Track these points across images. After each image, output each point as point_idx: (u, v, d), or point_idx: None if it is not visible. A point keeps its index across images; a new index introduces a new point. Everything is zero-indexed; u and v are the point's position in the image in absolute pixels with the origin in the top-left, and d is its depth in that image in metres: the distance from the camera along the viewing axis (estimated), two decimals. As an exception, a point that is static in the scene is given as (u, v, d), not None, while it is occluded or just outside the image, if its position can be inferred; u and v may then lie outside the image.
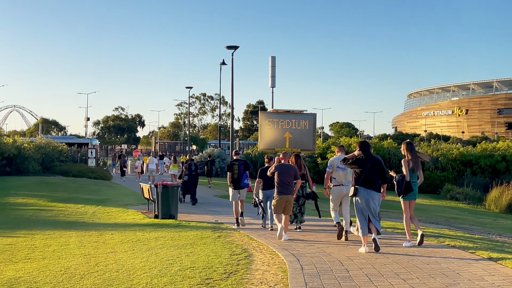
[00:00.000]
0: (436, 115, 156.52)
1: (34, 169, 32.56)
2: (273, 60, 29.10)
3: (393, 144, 42.87)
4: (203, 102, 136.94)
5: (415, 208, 11.47)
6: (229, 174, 15.06)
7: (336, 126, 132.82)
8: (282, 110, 24.03)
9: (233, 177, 14.97)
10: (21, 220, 17.23)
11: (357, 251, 10.22)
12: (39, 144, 35.44)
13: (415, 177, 11.06)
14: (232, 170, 15.00)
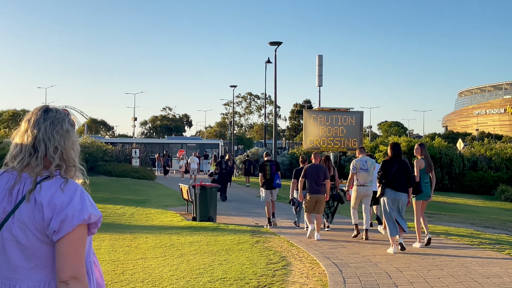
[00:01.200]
0: (487, 113, 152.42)
1: (77, 169, 32.47)
2: (320, 58, 28.37)
3: (443, 143, 41.37)
4: (250, 101, 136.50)
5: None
6: (261, 174, 15.33)
7: (384, 125, 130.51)
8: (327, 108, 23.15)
9: (265, 178, 15.25)
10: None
11: (408, 260, 9.33)
12: (83, 144, 35.35)
13: (427, 177, 11.12)
14: (264, 170, 15.26)
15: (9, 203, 2.47)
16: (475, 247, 10.85)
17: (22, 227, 2.43)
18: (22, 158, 2.50)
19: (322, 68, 28.64)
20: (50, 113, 2.58)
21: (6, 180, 2.53)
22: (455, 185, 37.30)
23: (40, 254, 2.46)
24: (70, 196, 2.44)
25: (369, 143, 42.86)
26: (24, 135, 2.53)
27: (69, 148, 2.57)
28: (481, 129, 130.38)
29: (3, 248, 2.48)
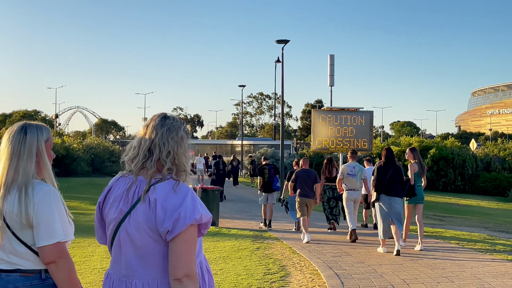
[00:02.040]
0: (501, 113, 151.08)
1: (83, 170, 32.05)
2: (331, 58, 27.83)
3: (456, 143, 40.55)
4: (261, 101, 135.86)
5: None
6: (260, 178, 15.47)
7: (397, 125, 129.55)
8: (336, 107, 22.51)
9: (263, 181, 15.29)
10: (56, 225, 16.29)
11: (416, 271, 8.71)
12: (89, 145, 34.92)
13: (420, 181, 11.19)
14: (263, 174, 15.39)
15: (125, 204, 2.63)
16: (488, 256, 10.21)
17: (137, 226, 2.58)
18: (138, 162, 2.66)
19: (334, 68, 28.17)
20: (167, 120, 2.74)
21: (123, 184, 2.71)
22: (468, 186, 36.50)
23: (153, 253, 2.60)
24: (182, 197, 2.57)
25: (380, 144, 42.12)
26: (142, 140, 2.70)
27: (181, 154, 2.70)
28: (495, 129, 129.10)
29: (120, 247, 2.65)
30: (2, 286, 2.89)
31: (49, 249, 2.85)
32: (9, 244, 2.91)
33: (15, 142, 2.96)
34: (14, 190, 2.90)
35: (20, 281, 2.90)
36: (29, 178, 2.91)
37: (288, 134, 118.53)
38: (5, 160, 2.96)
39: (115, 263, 2.71)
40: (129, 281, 2.64)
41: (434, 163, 35.86)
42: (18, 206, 2.86)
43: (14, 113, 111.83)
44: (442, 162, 35.88)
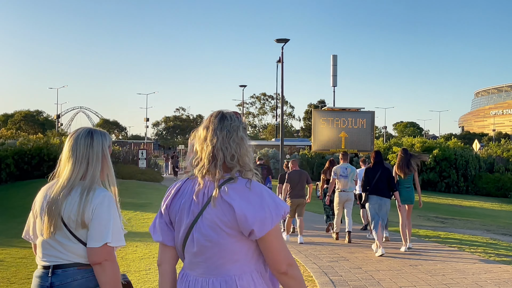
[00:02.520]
0: (505, 113, 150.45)
1: (81, 170, 31.70)
2: (334, 58, 27.64)
3: (459, 144, 40.12)
4: (263, 102, 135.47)
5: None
6: None
7: (400, 125, 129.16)
8: (337, 108, 22.22)
9: None
10: (49, 227, 16.00)
11: (415, 277, 8.37)
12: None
13: (409, 182, 11.39)
14: None
15: (196, 206, 2.66)
16: (491, 261, 9.86)
17: (212, 226, 2.61)
18: (202, 166, 2.68)
19: (337, 68, 27.99)
20: (225, 121, 2.74)
21: (191, 186, 2.72)
22: (471, 187, 36.08)
23: (231, 250, 2.62)
24: (259, 195, 2.61)
25: (382, 144, 41.74)
26: (204, 144, 2.70)
27: (244, 154, 2.72)
28: (498, 129, 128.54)
29: (195, 247, 2.67)
30: (59, 281, 3.03)
31: (96, 251, 2.98)
32: (66, 240, 3.04)
33: (83, 146, 3.12)
34: (77, 192, 3.04)
35: (78, 273, 3.03)
36: (94, 181, 3.09)
37: (291, 135, 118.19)
38: (72, 163, 3.11)
39: (191, 263, 2.74)
40: (205, 280, 2.67)
41: (437, 163, 35.48)
42: (77, 206, 3.01)
43: (16, 113, 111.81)
44: (444, 163, 35.50)
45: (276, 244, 2.62)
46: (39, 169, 30.65)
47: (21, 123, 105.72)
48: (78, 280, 3.02)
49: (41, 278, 3.09)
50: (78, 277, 3.03)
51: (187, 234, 2.70)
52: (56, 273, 3.05)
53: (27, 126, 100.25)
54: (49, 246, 3.10)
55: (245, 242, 2.65)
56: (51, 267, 3.07)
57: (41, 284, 3.08)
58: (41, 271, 3.12)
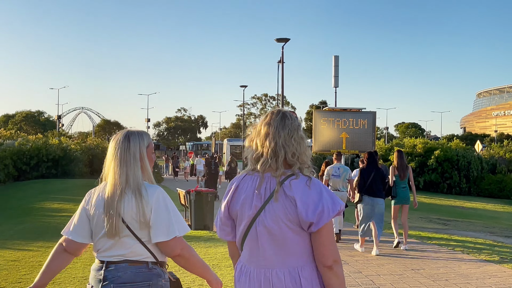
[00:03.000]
0: (506, 114, 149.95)
1: (80, 171, 31.44)
2: (336, 59, 27.34)
3: (461, 144, 39.82)
4: (265, 102, 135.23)
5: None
6: None
7: (401, 126, 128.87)
8: (338, 108, 21.91)
9: None
10: (44, 229, 15.73)
11: (417, 282, 8.11)
12: (88, 146, 34.37)
13: (404, 183, 11.58)
14: None
15: (258, 200, 2.79)
16: (496, 265, 9.59)
17: (275, 219, 2.75)
18: (264, 161, 2.82)
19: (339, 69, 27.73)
20: (287, 120, 2.90)
21: (251, 181, 2.87)
22: (473, 188, 35.81)
23: (292, 243, 2.76)
24: (319, 191, 2.77)
25: (384, 145, 41.46)
26: (266, 140, 2.85)
27: (303, 152, 2.87)
28: (500, 130, 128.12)
29: (257, 240, 2.80)
30: (111, 276, 3.22)
31: (169, 244, 3.19)
32: (126, 239, 3.22)
33: (121, 150, 3.28)
34: (129, 193, 3.21)
35: (129, 269, 3.20)
36: (138, 182, 3.24)
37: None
38: (115, 167, 3.28)
39: (251, 255, 2.86)
40: (268, 271, 2.79)
41: (439, 164, 35.21)
42: (136, 207, 3.18)
43: (17, 114, 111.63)
44: (446, 164, 35.22)
45: (327, 238, 2.77)
46: (38, 169, 30.46)
47: (22, 123, 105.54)
48: (127, 274, 3.22)
49: (96, 271, 3.31)
50: (128, 272, 3.22)
51: (248, 227, 2.86)
52: (109, 267, 3.25)
53: (28, 127, 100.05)
54: (108, 244, 3.29)
55: (305, 235, 2.81)
56: (105, 262, 3.27)
57: (96, 276, 3.29)
58: (97, 265, 3.32)
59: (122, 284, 3.22)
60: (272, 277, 2.78)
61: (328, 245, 2.77)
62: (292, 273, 2.77)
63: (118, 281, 3.22)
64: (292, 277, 2.76)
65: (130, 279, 3.22)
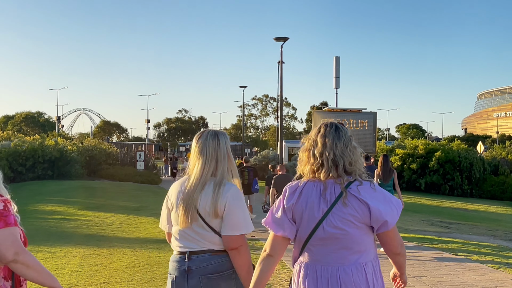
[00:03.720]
0: (508, 116, 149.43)
1: (77, 172, 30.99)
2: (337, 60, 27.08)
3: (462, 146, 39.38)
4: (265, 103, 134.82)
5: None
6: None
7: (403, 127, 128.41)
8: (338, 109, 21.51)
9: (243, 183, 15.29)
10: (37, 232, 15.28)
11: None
12: (85, 147, 33.95)
13: (389, 186, 12.04)
14: (242, 176, 15.47)
15: (324, 204, 3.09)
16: (501, 272, 9.16)
17: (344, 220, 3.04)
18: (326, 170, 3.13)
19: (339, 70, 27.49)
20: (341, 132, 3.21)
21: (313, 187, 3.15)
22: (475, 190, 35.36)
23: (359, 241, 3.06)
24: (383, 193, 3.12)
25: (385, 146, 41.05)
26: (324, 152, 3.16)
27: (357, 160, 3.19)
28: (501, 131, 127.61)
29: (324, 239, 3.07)
30: (196, 266, 3.43)
31: (233, 238, 3.41)
32: (201, 230, 3.44)
33: (211, 147, 3.54)
34: (210, 187, 3.45)
35: (212, 259, 3.43)
36: (224, 176, 3.52)
37: (293, 137, 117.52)
38: (202, 162, 3.52)
39: (318, 254, 3.09)
40: (335, 268, 3.03)
41: (440, 166, 34.79)
42: (211, 199, 3.42)
43: (17, 115, 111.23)
44: (448, 165, 34.81)
45: (395, 232, 3.14)
46: (34, 171, 30.03)
47: (22, 124, 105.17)
48: (212, 264, 3.43)
49: (178, 263, 3.50)
50: (212, 262, 3.43)
51: (315, 228, 3.09)
52: (192, 258, 3.45)
53: (28, 128, 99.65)
54: (186, 235, 3.50)
55: (369, 234, 3.12)
56: (187, 253, 3.47)
57: (179, 267, 3.48)
58: (178, 256, 3.52)
59: (208, 275, 3.44)
60: (340, 273, 3.03)
61: (396, 237, 3.16)
62: (358, 269, 3.04)
63: (204, 271, 3.43)
64: (358, 272, 3.03)
65: (216, 269, 3.44)
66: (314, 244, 3.10)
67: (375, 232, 3.11)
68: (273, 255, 3.19)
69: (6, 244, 2.89)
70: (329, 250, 3.07)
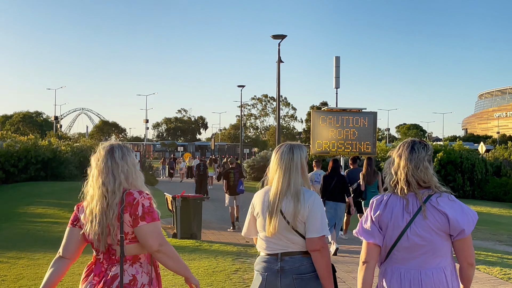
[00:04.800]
0: (508, 116, 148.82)
1: (71, 173, 30.33)
2: (337, 60, 26.51)
3: (463, 146, 38.78)
4: (265, 103, 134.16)
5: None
6: (225, 181, 16.38)
7: (403, 128, 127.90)
8: (337, 108, 20.91)
9: (229, 184, 16.24)
10: (23, 237, 14.69)
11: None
12: (80, 147, 33.32)
13: (373, 187, 12.69)
14: (228, 177, 16.35)
15: (407, 214, 3.45)
16: (509, 284, 8.52)
17: (426, 229, 3.40)
18: (401, 187, 3.51)
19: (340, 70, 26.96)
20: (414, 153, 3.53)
21: (398, 200, 3.53)
22: (477, 192, 34.69)
23: (439, 247, 3.40)
24: (460, 204, 3.45)
25: (385, 146, 40.44)
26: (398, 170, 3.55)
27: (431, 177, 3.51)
28: (502, 132, 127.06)
29: (408, 245, 3.43)
30: (289, 266, 3.79)
31: (316, 240, 3.79)
32: (289, 234, 3.83)
33: (286, 160, 3.95)
34: (289, 196, 3.86)
35: (304, 260, 3.80)
36: (298, 187, 3.89)
37: (293, 137, 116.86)
38: (279, 174, 3.95)
39: (403, 258, 3.47)
40: (417, 271, 3.41)
41: (442, 167, 34.19)
42: (294, 207, 3.83)
43: (15, 114, 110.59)
44: (450, 166, 34.21)
45: (470, 241, 3.43)
46: (26, 172, 29.39)
47: (20, 124, 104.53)
48: (305, 265, 3.78)
49: (269, 263, 3.85)
50: (304, 263, 3.78)
51: (400, 235, 3.43)
52: (284, 259, 3.80)
53: (26, 128, 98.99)
54: (275, 239, 3.84)
55: (448, 241, 3.42)
56: (279, 255, 3.82)
57: (271, 267, 3.82)
58: (268, 257, 3.87)
59: (302, 274, 3.77)
60: (421, 275, 3.36)
61: (471, 246, 3.43)
62: (439, 272, 3.37)
63: (298, 271, 3.77)
64: (438, 275, 3.36)
65: (308, 270, 3.79)
66: (399, 250, 3.45)
67: (453, 239, 3.40)
68: (369, 261, 3.51)
69: (153, 236, 3.38)
70: (412, 255, 3.42)
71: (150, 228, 3.37)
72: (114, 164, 3.49)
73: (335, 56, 26.51)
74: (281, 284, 3.78)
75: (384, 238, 3.51)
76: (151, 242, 3.37)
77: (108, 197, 3.43)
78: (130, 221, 3.40)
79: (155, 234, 3.38)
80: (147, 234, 3.37)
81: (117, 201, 3.42)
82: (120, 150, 3.55)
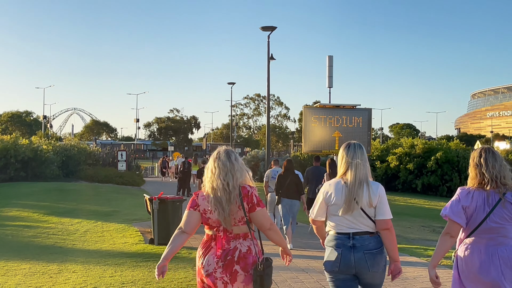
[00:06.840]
0: (501, 115, 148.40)
1: (52, 173, 29.05)
2: (330, 59, 25.65)
3: (460, 145, 37.84)
4: (258, 102, 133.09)
5: None
6: (199, 180, 16.51)
7: (396, 127, 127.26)
8: (330, 105, 19.76)
9: None
10: (-10, 242, 13.43)
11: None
12: (63, 146, 32.05)
13: None
14: (201, 176, 15.23)
15: (488, 206, 4.34)
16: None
17: (501, 217, 4.33)
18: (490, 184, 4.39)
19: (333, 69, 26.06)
20: (497, 156, 4.47)
21: (479, 194, 4.39)
22: (475, 191, 33.79)
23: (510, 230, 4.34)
24: None
25: (379, 146, 39.52)
26: (487, 170, 4.43)
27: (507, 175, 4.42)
28: (495, 131, 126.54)
29: (489, 229, 4.34)
30: (360, 243, 4.59)
31: (386, 221, 4.61)
32: (361, 217, 4.62)
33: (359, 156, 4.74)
34: (363, 185, 4.64)
35: (371, 239, 4.61)
36: (367, 178, 4.70)
37: (286, 136, 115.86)
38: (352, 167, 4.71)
39: (483, 238, 4.36)
40: (494, 248, 4.32)
41: (438, 166, 33.21)
42: (367, 194, 4.62)
43: (3, 114, 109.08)
44: (446, 165, 33.26)
45: None
46: (6, 172, 28.10)
47: (8, 123, 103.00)
48: (372, 243, 4.60)
49: (342, 240, 4.62)
50: (371, 241, 4.61)
51: (481, 222, 4.36)
52: (355, 238, 4.59)
53: (14, 127, 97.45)
54: (348, 221, 4.64)
55: None
56: (351, 234, 4.61)
57: (344, 244, 4.60)
58: (340, 236, 4.65)
59: (371, 250, 4.58)
60: (498, 250, 4.32)
61: None
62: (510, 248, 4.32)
63: (367, 247, 4.58)
64: (510, 250, 4.30)
65: (375, 246, 4.60)
66: (479, 232, 4.36)
67: None
68: (453, 236, 4.41)
69: (266, 218, 4.38)
70: (490, 237, 4.34)
71: (263, 212, 4.36)
72: (231, 164, 4.38)
73: (328, 55, 25.71)
74: (354, 257, 4.54)
75: (468, 223, 4.39)
76: (265, 223, 4.35)
77: (230, 190, 4.29)
78: (247, 208, 4.31)
79: (267, 216, 4.39)
80: (263, 216, 4.34)
81: (236, 193, 4.30)
82: (234, 154, 4.49)
